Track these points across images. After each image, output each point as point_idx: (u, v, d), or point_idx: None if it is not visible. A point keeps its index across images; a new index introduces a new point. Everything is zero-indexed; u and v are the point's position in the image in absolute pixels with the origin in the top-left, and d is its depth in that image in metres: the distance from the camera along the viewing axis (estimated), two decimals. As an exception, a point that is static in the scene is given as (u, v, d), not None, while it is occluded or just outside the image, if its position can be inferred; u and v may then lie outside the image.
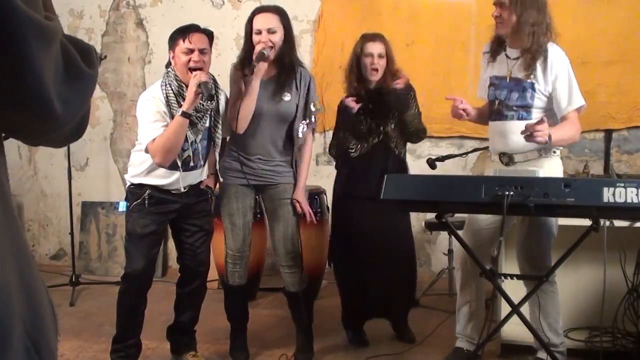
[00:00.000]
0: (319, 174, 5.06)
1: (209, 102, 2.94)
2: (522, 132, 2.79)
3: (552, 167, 2.95)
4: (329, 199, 4.36)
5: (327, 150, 3.73)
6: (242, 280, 3.27)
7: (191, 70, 2.90)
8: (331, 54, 5.11)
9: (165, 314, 3.33)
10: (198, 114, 2.96)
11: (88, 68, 0.86)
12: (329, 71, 5.00)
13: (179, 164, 2.98)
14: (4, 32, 0.73)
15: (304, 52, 5.02)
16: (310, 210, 3.24)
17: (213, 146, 3.10)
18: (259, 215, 3.71)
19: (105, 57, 4.72)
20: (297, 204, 3.19)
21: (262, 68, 2.99)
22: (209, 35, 3.02)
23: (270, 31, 3.02)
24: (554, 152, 2.99)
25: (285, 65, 3.10)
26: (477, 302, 3.22)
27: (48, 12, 0.82)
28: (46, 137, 0.89)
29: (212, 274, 4.57)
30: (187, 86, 2.90)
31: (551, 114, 2.95)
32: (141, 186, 3.03)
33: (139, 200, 3.01)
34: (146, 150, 2.94)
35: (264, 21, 3.04)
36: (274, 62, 3.09)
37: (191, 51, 2.91)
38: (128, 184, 3.11)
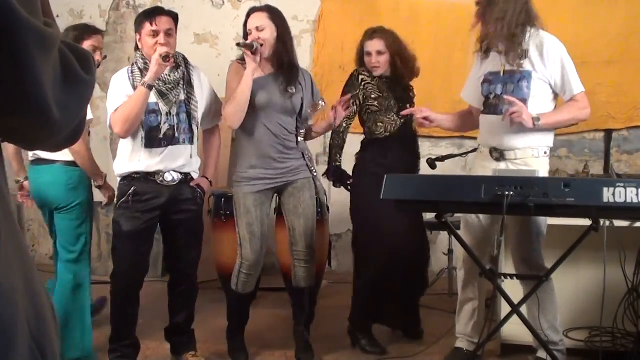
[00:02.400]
0: (319, 174, 5.05)
1: (166, 61, 2.90)
2: (503, 119, 2.87)
3: (540, 167, 2.97)
4: (329, 199, 4.37)
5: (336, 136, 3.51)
6: (253, 287, 3.28)
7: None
8: (331, 54, 5.12)
9: (165, 314, 3.32)
10: (167, 85, 3.01)
11: (86, 74, 0.86)
12: (328, 71, 5.01)
13: (156, 136, 2.99)
14: (5, 38, 0.73)
15: (304, 52, 5.03)
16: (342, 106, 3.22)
17: (191, 119, 3.07)
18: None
19: (105, 57, 4.72)
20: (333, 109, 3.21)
21: (251, 62, 3.01)
22: (174, 17, 3.07)
23: (259, 29, 3.10)
24: (545, 152, 3.02)
25: (285, 62, 3.16)
26: (479, 301, 3.22)
27: (47, 17, 0.82)
28: (43, 142, 0.90)
29: (212, 273, 4.58)
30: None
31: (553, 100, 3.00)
32: (129, 180, 3.03)
33: (124, 198, 3.01)
34: (109, 123, 2.99)
35: (253, 21, 3.14)
36: (271, 60, 3.16)
37: (157, 33, 2.97)
38: (118, 179, 3.11)
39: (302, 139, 3.27)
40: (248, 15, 3.18)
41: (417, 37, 4.96)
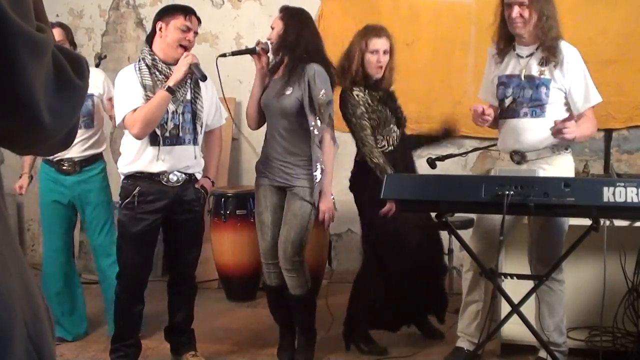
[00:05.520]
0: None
1: (203, 81, 2.99)
2: (551, 129, 2.81)
3: (565, 165, 2.98)
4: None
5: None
6: (278, 280, 3.23)
7: (183, 47, 2.99)
8: (331, 54, 5.07)
9: (165, 314, 3.32)
10: (178, 89, 3.00)
11: (78, 79, 0.85)
12: (328, 71, 5.00)
13: (160, 135, 2.97)
14: None
15: (304, 52, 5.02)
16: (330, 219, 3.16)
17: (196, 119, 3.07)
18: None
19: (105, 56, 4.74)
20: (322, 213, 3.13)
21: (256, 64, 3.18)
22: (200, 23, 3.16)
23: (272, 28, 3.17)
24: (566, 149, 3.00)
25: (289, 60, 3.14)
26: (484, 302, 3.22)
27: (41, 21, 0.82)
28: (34, 147, 0.90)
29: (212, 273, 4.59)
30: (161, 60, 2.99)
31: (567, 110, 2.99)
32: (133, 180, 3.01)
33: (129, 199, 2.99)
34: (122, 122, 2.96)
35: (272, 22, 3.21)
36: (286, 59, 3.16)
37: (189, 30, 3.00)
38: (121, 177, 3.09)
39: (317, 145, 3.08)
40: None
41: (417, 37, 4.97)
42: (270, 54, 3.20)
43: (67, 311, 3.61)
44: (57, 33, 3.46)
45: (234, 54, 3.14)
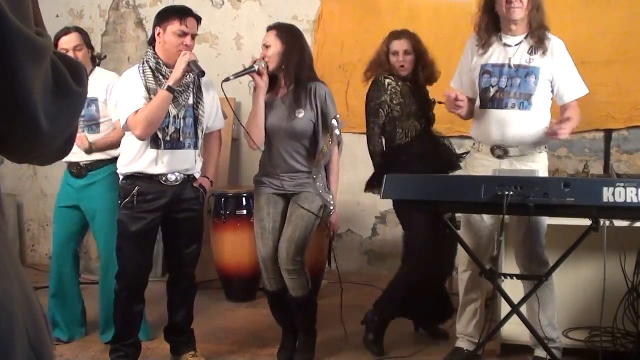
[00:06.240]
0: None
1: (201, 77, 2.99)
2: (548, 131, 2.88)
3: (543, 162, 3.03)
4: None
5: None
6: (278, 286, 3.22)
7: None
8: (331, 54, 5.11)
9: (165, 314, 3.32)
10: (179, 88, 2.98)
11: (77, 86, 0.85)
12: (329, 71, 5.00)
13: (161, 138, 2.97)
14: None
15: (304, 52, 5.01)
16: (335, 229, 3.30)
17: (198, 124, 3.07)
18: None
19: (105, 57, 4.73)
20: (330, 226, 3.24)
21: (258, 83, 3.07)
22: (200, 21, 3.11)
23: (266, 46, 3.11)
24: (545, 147, 3.06)
25: (296, 81, 3.11)
26: (481, 300, 3.23)
27: (39, 27, 0.82)
28: (31, 154, 0.88)
29: (212, 273, 4.59)
30: (165, 64, 2.98)
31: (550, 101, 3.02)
32: (132, 180, 3.01)
33: (128, 199, 3.00)
34: (125, 124, 2.95)
35: (264, 39, 3.15)
36: (286, 79, 3.13)
37: (185, 35, 2.97)
38: (121, 178, 3.09)
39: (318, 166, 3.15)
40: None
41: (417, 37, 4.97)
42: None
43: (61, 312, 3.60)
44: (75, 38, 3.41)
45: (236, 76, 3.08)
